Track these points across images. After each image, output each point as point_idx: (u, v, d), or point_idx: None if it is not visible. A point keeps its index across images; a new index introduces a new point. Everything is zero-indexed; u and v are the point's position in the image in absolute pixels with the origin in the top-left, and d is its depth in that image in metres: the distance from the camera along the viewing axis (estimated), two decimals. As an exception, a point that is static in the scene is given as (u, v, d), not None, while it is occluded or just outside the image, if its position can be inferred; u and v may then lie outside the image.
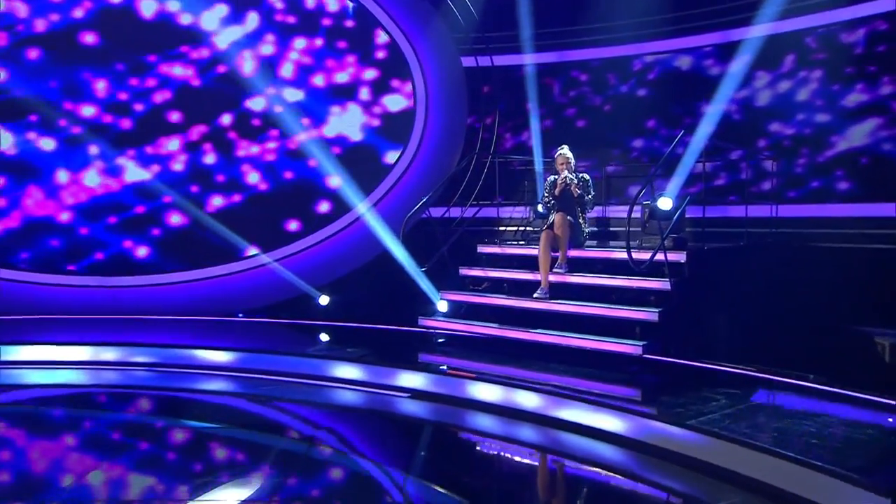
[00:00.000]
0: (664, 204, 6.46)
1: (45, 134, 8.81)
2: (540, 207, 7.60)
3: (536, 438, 5.02)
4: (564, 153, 7.29)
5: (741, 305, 6.81)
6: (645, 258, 6.39)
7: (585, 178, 7.28)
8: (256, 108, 9.25)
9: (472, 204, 8.81)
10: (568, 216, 6.98)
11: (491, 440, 5.20)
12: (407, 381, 5.94)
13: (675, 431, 4.39)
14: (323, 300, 8.78)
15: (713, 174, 8.71)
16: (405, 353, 6.90)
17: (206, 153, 9.15)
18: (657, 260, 6.35)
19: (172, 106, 9.07)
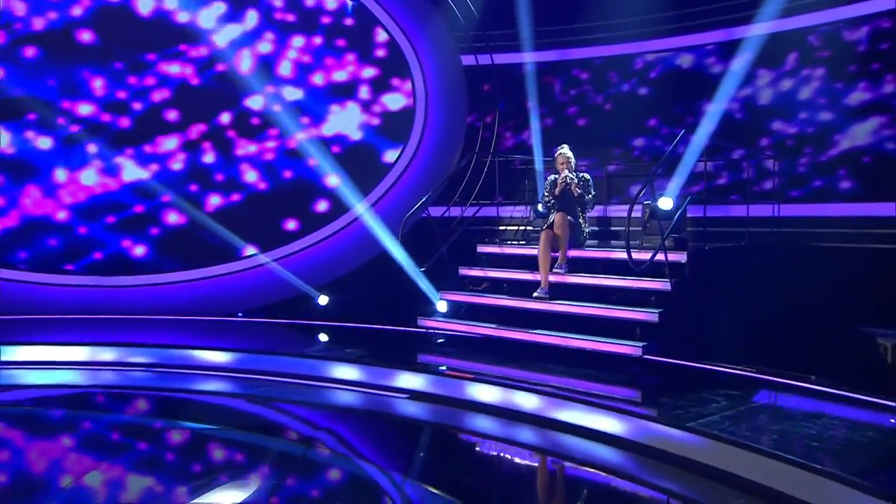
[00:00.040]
0: (665, 204, 6.44)
1: (42, 133, 8.78)
2: (540, 207, 7.57)
3: (535, 440, 5.00)
4: (565, 152, 7.26)
5: (742, 306, 6.76)
6: (645, 258, 6.36)
7: (586, 177, 7.25)
8: (255, 106, 9.21)
9: (471, 203, 8.77)
10: (568, 216, 6.95)
11: (490, 441, 5.18)
12: (406, 381, 5.92)
13: (674, 433, 4.36)
14: (322, 300, 8.75)
15: (715, 173, 8.68)
16: (404, 353, 6.88)
17: (204, 152, 9.12)
18: (658, 260, 6.32)
19: (171, 105, 9.03)
